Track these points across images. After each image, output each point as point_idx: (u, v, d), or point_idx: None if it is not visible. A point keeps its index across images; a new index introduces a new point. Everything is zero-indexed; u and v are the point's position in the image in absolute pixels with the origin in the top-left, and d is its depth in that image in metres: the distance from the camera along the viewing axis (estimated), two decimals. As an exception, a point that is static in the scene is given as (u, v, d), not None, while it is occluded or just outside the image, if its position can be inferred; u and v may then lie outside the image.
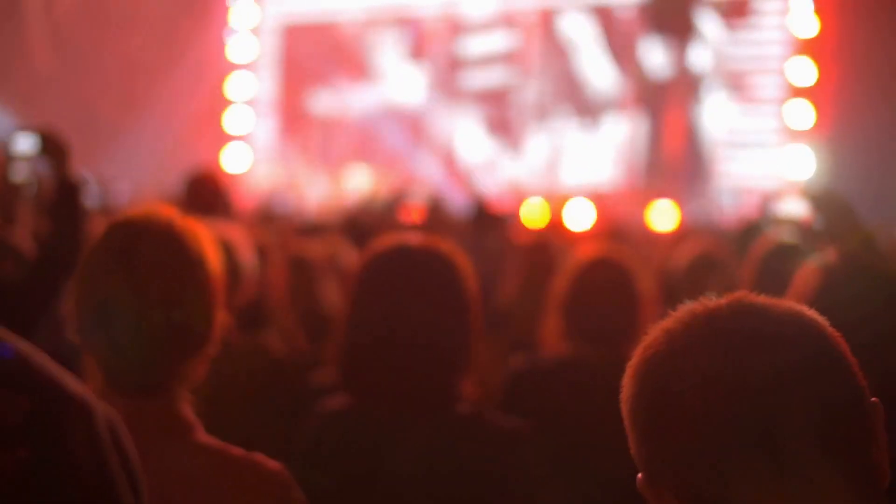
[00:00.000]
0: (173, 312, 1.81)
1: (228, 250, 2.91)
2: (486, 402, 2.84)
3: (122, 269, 1.81)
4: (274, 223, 7.64)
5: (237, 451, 1.80)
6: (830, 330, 1.22)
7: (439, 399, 2.39)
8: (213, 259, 1.89)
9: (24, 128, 3.31)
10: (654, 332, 1.24)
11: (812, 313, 1.23)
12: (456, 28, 14.35)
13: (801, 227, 2.62)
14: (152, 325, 1.79)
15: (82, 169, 3.52)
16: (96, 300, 1.80)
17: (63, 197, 3.21)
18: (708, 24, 12.67)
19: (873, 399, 1.21)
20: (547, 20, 13.79)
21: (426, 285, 2.45)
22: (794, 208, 2.49)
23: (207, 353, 1.86)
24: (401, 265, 2.47)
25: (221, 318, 1.88)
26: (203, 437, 1.81)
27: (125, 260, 1.82)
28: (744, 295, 1.24)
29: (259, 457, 1.81)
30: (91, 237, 3.29)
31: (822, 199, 2.67)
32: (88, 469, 1.09)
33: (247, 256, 3.47)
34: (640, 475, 1.22)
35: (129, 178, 11.77)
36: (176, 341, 1.82)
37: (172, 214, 1.89)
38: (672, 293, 4.18)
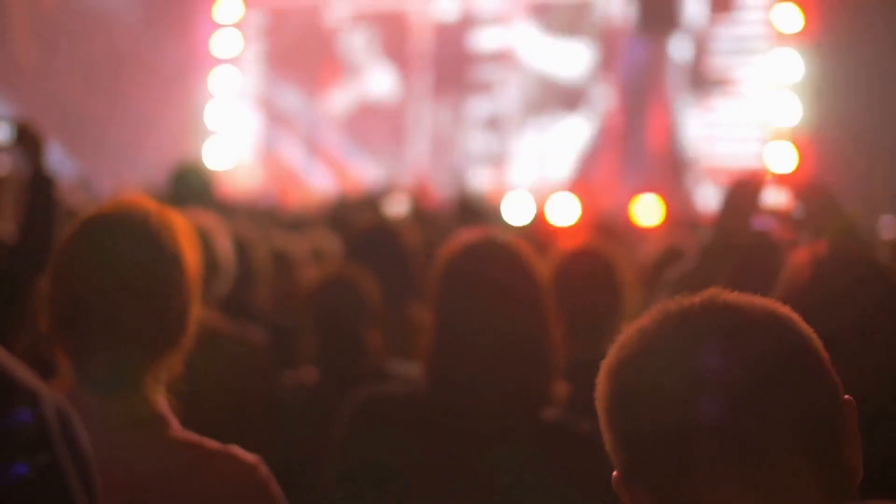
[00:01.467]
0: (147, 309, 1.77)
1: (205, 240, 2.89)
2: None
3: (95, 265, 1.77)
4: (258, 218, 7.62)
5: (213, 444, 1.77)
6: (805, 326, 1.20)
7: (528, 405, 2.34)
8: (190, 254, 1.84)
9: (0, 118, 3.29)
10: (629, 331, 1.23)
11: (786, 310, 1.21)
12: (442, 23, 14.33)
13: (783, 217, 2.61)
14: (125, 322, 1.75)
15: (65, 163, 3.50)
16: (69, 295, 1.76)
17: (37, 189, 3.19)
18: (693, 16, 12.67)
19: (846, 397, 1.19)
20: (532, 15, 13.78)
21: (516, 285, 2.38)
22: (776, 197, 2.47)
23: (182, 349, 1.82)
24: (489, 263, 2.40)
25: (196, 313, 1.84)
26: (178, 431, 1.78)
27: (98, 255, 1.78)
28: (717, 292, 1.23)
29: (236, 450, 1.77)
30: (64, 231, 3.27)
31: (804, 189, 2.66)
32: (35, 459, 1.06)
33: (224, 246, 3.44)
34: (615, 473, 1.21)
35: (112, 173, 11.73)
36: (149, 338, 1.78)
37: (149, 208, 1.84)
38: (644, 288, 4.18)
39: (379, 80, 14.65)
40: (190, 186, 5.01)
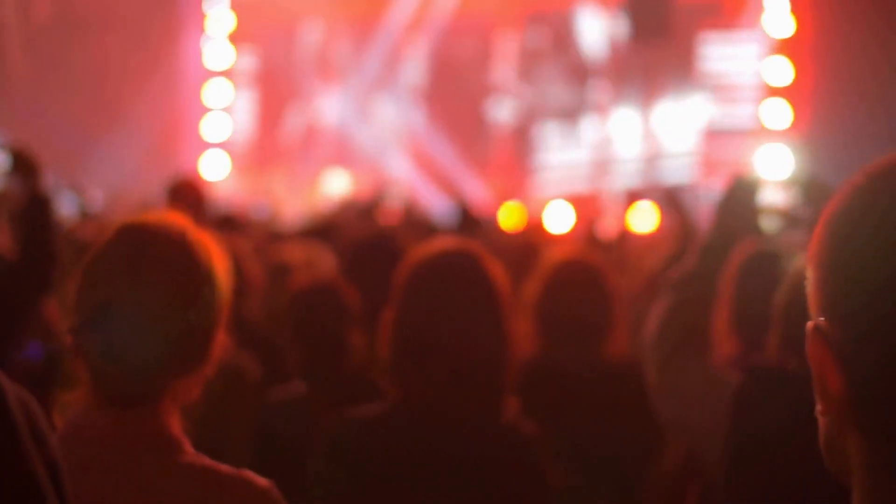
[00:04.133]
0: (174, 324, 1.75)
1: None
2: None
3: (127, 273, 1.75)
4: (251, 230, 7.61)
5: (226, 468, 1.75)
6: None
7: (486, 409, 2.35)
8: (223, 278, 1.83)
9: None
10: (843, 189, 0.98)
11: None
12: (433, 32, 14.35)
13: (785, 217, 2.58)
14: (151, 334, 1.73)
15: (57, 176, 3.53)
16: (97, 300, 1.74)
17: (34, 212, 3.23)
18: (685, 24, 12.69)
19: None
20: (529, 26, 13.80)
21: (476, 297, 2.38)
22: (777, 198, 2.45)
23: (203, 373, 1.80)
24: (450, 274, 2.40)
25: (221, 338, 1.83)
26: (191, 454, 1.76)
27: (132, 263, 1.76)
28: None
29: (248, 474, 1.76)
30: (64, 245, 3.28)
31: (811, 189, 2.62)
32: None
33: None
34: (811, 324, 0.97)
35: (105, 185, 11.72)
36: (173, 354, 1.76)
37: (187, 224, 1.83)
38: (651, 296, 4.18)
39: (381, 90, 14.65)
40: (185, 201, 5.00)
